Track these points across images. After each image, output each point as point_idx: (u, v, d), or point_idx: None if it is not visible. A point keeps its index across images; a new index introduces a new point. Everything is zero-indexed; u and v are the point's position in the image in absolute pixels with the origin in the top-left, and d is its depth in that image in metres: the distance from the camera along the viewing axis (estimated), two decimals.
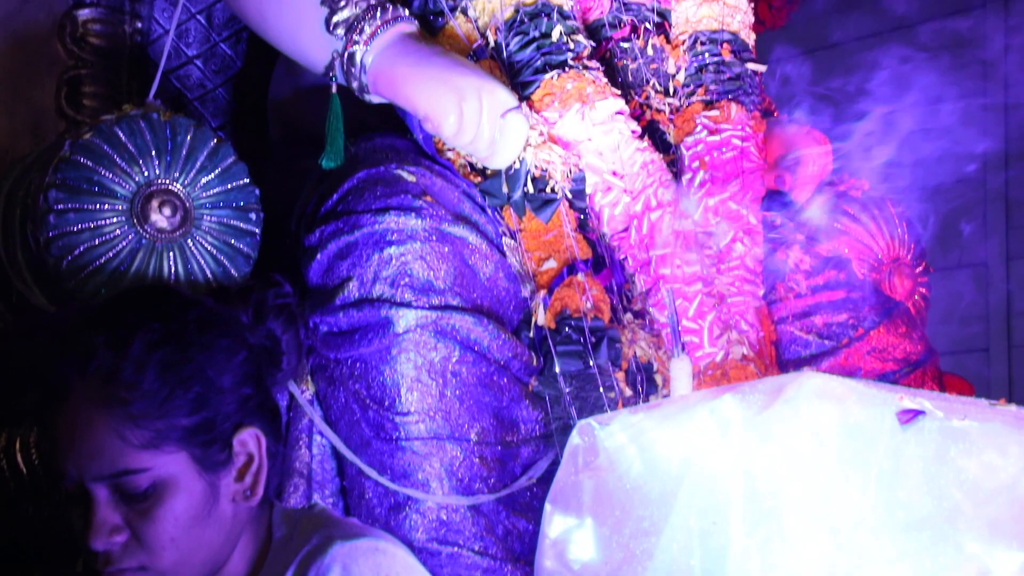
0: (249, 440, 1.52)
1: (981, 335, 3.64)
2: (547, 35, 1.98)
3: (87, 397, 1.45)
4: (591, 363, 1.85)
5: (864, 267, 2.15)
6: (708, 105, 2.11)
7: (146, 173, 1.81)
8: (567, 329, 1.87)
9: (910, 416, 1.47)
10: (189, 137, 1.84)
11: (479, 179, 1.94)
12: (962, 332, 3.60)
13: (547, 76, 1.96)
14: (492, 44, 1.98)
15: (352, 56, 1.90)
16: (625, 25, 2.16)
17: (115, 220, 1.79)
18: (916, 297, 2.20)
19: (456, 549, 1.76)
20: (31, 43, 2.29)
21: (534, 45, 1.98)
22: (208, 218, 1.85)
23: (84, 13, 2.31)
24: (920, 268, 2.22)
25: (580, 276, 1.90)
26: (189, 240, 1.84)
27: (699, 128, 2.09)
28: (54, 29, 2.30)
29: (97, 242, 1.78)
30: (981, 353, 3.64)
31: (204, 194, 1.85)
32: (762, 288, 2.02)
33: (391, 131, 2.01)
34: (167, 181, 1.82)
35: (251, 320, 1.58)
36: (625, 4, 2.17)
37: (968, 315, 3.64)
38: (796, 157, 2.20)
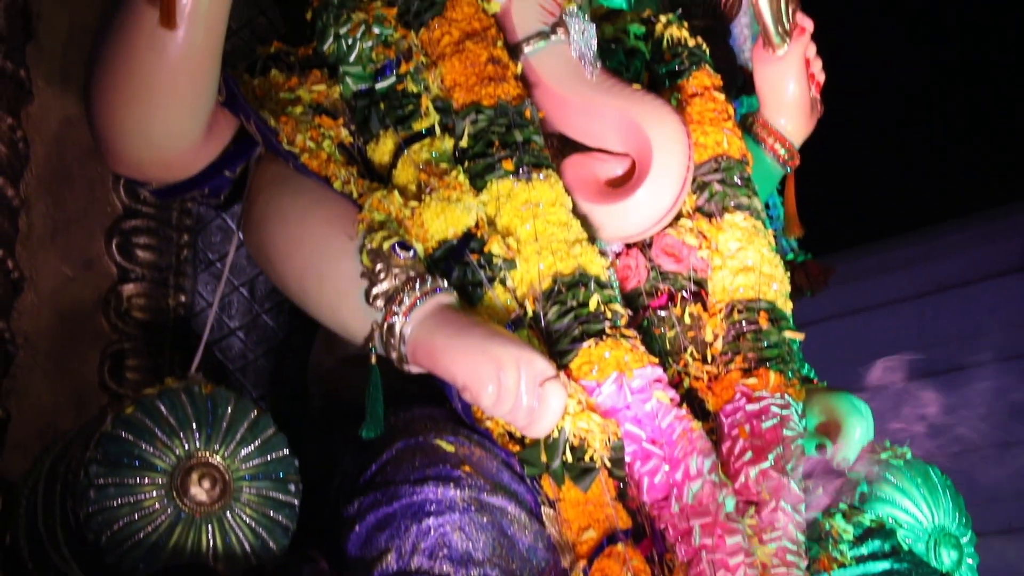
0: None
1: None
2: (584, 304, 2.00)
3: None
4: None
5: (909, 536, 2.12)
6: (746, 373, 2.11)
7: (186, 446, 1.82)
8: None
9: None
10: (230, 409, 1.85)
11: (518, 448, 1.93)
12: None
13: (585, 345, 1.97)
14: (530, 314, 2.00)
15: (391, 327, 1.92)
16: (662, 293, 2.18)
17: (155, 494, 1.79)
18: (963, 568, 2.16)
19: None
20: (76, 319, 2.33)
21: (572, 314, 1.99)
22: (247, 490, 1.85)
23: (129, 288, 2.35)
24: (965, 538, 2.19)
25: (620, 546, 1.88)
26: (228, 512, 1.83)
27: (738, 396, 2.09)
28: (99, 305, 2.35)
29: (137, 517, 1.78)
30: None
31: (244, 466, 1.85)
32: (805, 559, 1.98)
33: (430, 400, 2.02)
34: (207, 454, 1.83)
35: None
36: (662, 273, 2.19)
37: None
38: (837, 424, 2.19)
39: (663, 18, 2.43)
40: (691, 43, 2.41)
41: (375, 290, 1.92)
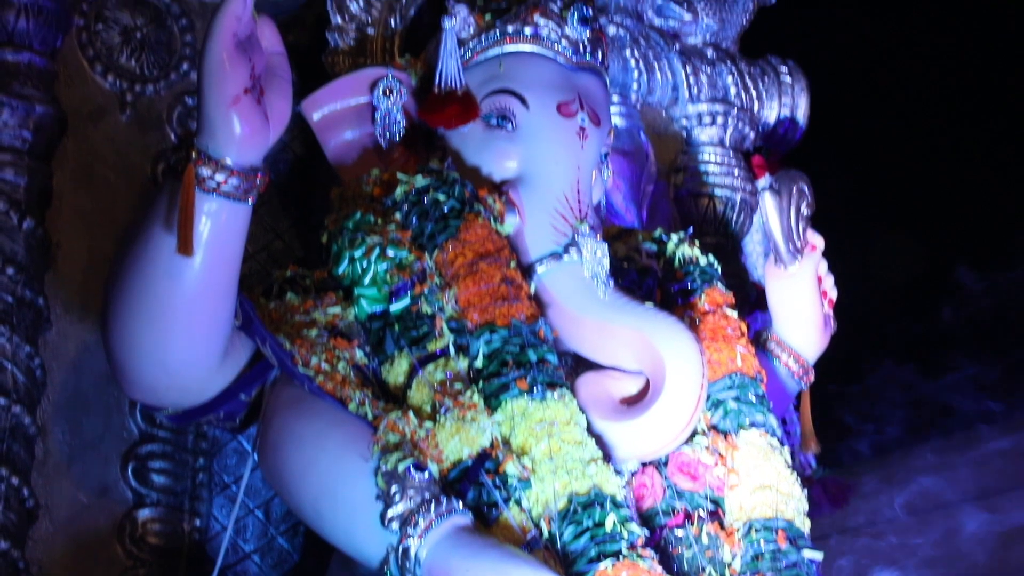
0: None
1: None
2: (601, 524, 1.99)
3: None
4: None
5: None
6: None
7: None
8: None
9: None
10: None
11: None
12: None
13: (601, 566, 1.95)
14: (546, 534, 1.99)
15: (407, 550, 1.90)
16: (679, 512, 2.16)
17: None
18: None
19: None
20: (91, 546, 2.32)
21: (588, 534, 1.98)
22: None
23: (144, 513, 2.35)
24: None
25: None
26: None
27: None
28: (114, 531, 2.34)
29: None
30: None
31: None
32: None
33: None
34: None
35: None
36: (678, 492, 2.18)
37: None
38: None
39: (674, 236, 2.46)
40: (703, 261, 2.43)
41: (390, 512, 1.92)
